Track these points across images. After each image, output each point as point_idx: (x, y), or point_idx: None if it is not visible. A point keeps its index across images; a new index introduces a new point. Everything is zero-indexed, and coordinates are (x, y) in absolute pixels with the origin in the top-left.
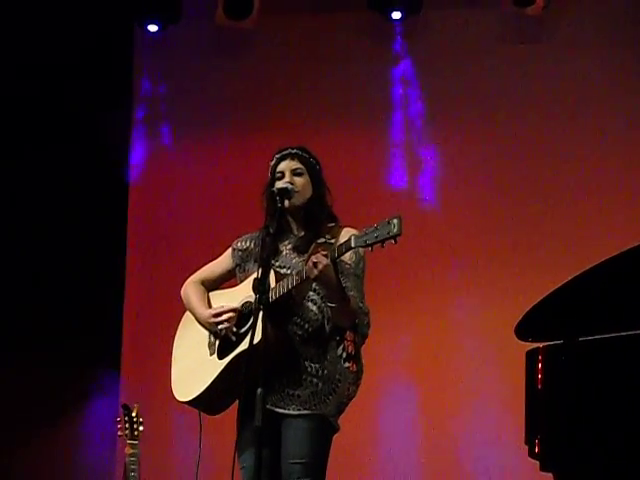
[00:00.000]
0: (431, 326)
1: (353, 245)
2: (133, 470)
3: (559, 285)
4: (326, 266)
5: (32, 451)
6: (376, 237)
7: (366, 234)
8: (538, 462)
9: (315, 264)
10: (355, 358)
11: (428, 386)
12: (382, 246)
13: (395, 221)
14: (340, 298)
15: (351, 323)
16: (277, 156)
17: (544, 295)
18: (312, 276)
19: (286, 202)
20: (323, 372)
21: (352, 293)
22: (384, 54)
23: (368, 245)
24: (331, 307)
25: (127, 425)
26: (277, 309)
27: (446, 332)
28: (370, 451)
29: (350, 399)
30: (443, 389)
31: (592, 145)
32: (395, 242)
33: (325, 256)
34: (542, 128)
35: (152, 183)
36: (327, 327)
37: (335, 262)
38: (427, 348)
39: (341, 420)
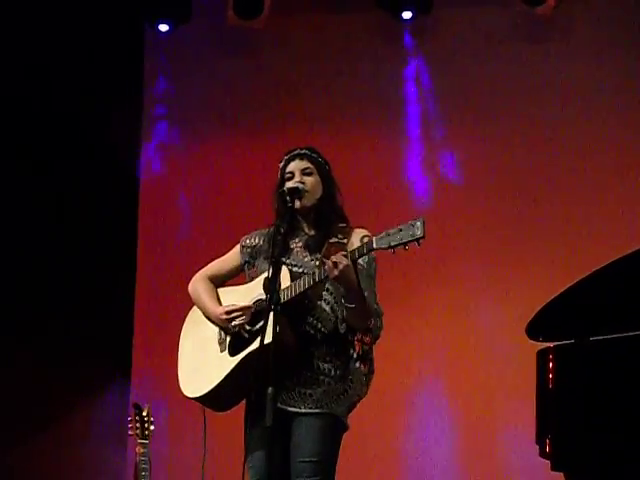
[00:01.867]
0: (443, 326)
1: (375, 246)
2: (144, 469)
3: (570, 284)
4: (347, 266)
5: (42, 450)
6: (400, 239)
7: (389, 235)
8: (549, 462)
9: (336, 264)
10: (366, 359)
11: (439, 386)
12: (405, 248)
13: (419, 224)
14: (359, 299)
15: (366, 324)
16: (286, 157)
17: (555, 294)
18: (332, 276)
19: (297, 202)
20: (336, 372)
21: (366, 294)
22: (395, 53)
23: (391, 247)
24: (349, 308)
25: (138, 424)
26: (292, 308)
27: (457, 331)
28: (379, 449)
29: (360, 399)
30: (454, 389)
31: (605, 144)
32: (418, 245)
33: (345, 256)
34: (552, 126)
35: (162, 182)
36: (341, 328)
37: (355, 263)
38: (438, 349)
39: (351, 419)
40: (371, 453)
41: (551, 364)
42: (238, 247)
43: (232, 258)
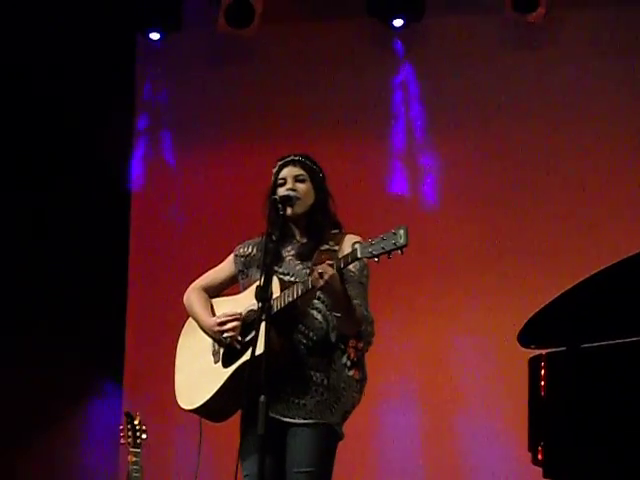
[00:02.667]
0: (433, 333)
1: (359, 256)
2: (136, 478)
3: (562, 292)
4: (332, 276)
5: (34, 458)
6: (382, 248)
7: (372, 244)
8: (541, 469)
9: (321, 274)
10: (359, 365)
11: (430, 392)
12: (389, 257)
13: (401, 232)
14: (346, 307)
15: (356, 332)
16: (280, 163)
17: (547, 302)
18: (318, 286)
19: (288, 210)
20: (328, 381)
21: (357, 301)
22: (385, 61)
23: (374, 256)
24: (337, 317)
25: (130, 433)
26: (282, 318)
27: (448, 339)
28: (374, 457)
29: (354, 407)
30: (445, 396)
31: (594, 151)
32: (402, 253)
33: (331, 266)
34: (543, 134)
35: (154, 191)
36: (332, 336)
37: (341, 272)
38: (429, 356)
39: (345, 427)
40: (366, 460)
41: (543, 371)
42: (232, 257)
43: (226, 268)
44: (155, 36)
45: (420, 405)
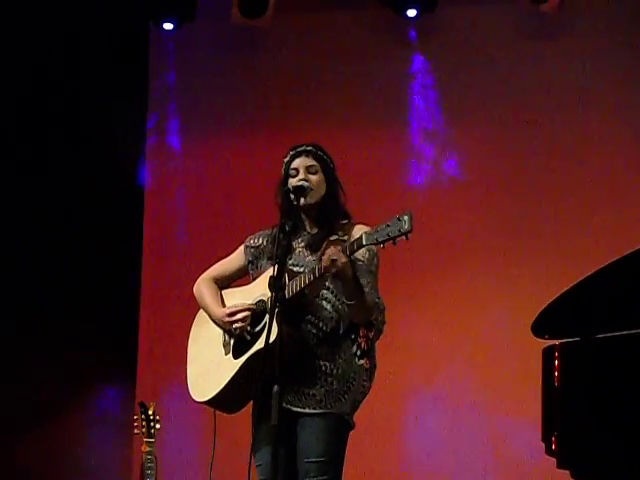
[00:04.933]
0: (447, 323)
1: (364, 243)
2: (150, 468)
3: (576, 282)
4: (345, 263)
5: (46, 448)
6: (387, 234)
7: (377, 231)
8: (555, 459)
9: (334, 261)
10: (369, 354)
11: (443, 382)
12: (394, 243)
13: (406, 218)
14: (358, 295)
15: (367, 320)
16: (291, 153)
17: (561, 292)
18: (330, 272)
19: (301, 200)
20: (338, 371)
21: (367, 290)
22: (399, 51)
23: (379, 242)
24: (349, 304)
25: (144, 423)
26: (290, 308)
27: (462, 329)
28: (386, 447)
29: (364, 395)
30: (458, 386)
31: (611, 141)
32: (407, 238)
33: (343, 252)
34: (557, 123)
35: (167, 183)
36: (342, 325)
37: (350, 259)
38: (442, 345)
39: (357, 417)
40: (376, 450)
41: (557, 362)
42: (242, 248)
43: (236, 259)
44: (168, 26)
45: (433, 395)
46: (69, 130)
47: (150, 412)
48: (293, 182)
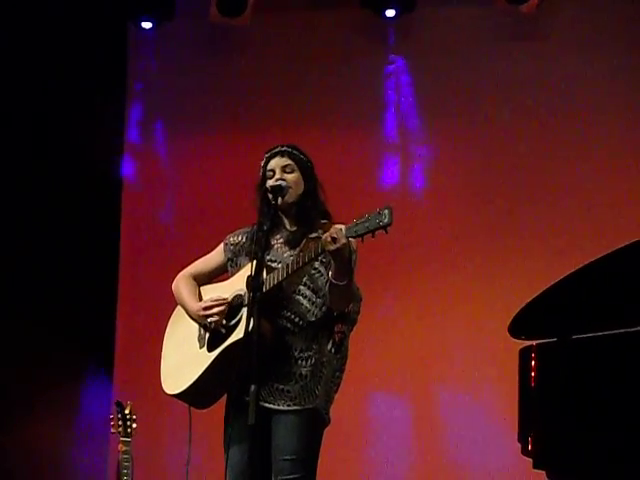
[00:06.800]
0: (423, 324)
1: (345, 235)
2: (126, 467)
3: (553, 282)
4: (345, 244)
5: (22, 447)
6: (367, 227)
7: (357, 224)
8: (531, 460)
9: (334, 239)
10: (342, 347)
11: (421, 383)
12: (373, 236)
13: (386, 211)
14: (347, 277)
15: (347, 306)
16: (267, 155)
17: (538, 292)
18: (329, 249)
19: (280, 199)
20: (312, 366)
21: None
22: (377, 51)
23: (359, 235)
24: (338, 285)
25: (120, 422)
26: (267, 302)
27: (438, 329)
28: (361, 445)
29: (337, 386)
30: (435, 386)
31: (586, 143)
32: (386, 232)
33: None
34: (536, 125)
35: (145, 181)
36: (317, 319)
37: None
38: (419, 346)
39: (332, 414)
40: (350, 447)
41: (533, 362)
42: (222, 245)
43: (216, 256)
44: (147, 25)
45: (410, 395)
46: (46, 127)
47: (127, 411)
48: (270, 182)
